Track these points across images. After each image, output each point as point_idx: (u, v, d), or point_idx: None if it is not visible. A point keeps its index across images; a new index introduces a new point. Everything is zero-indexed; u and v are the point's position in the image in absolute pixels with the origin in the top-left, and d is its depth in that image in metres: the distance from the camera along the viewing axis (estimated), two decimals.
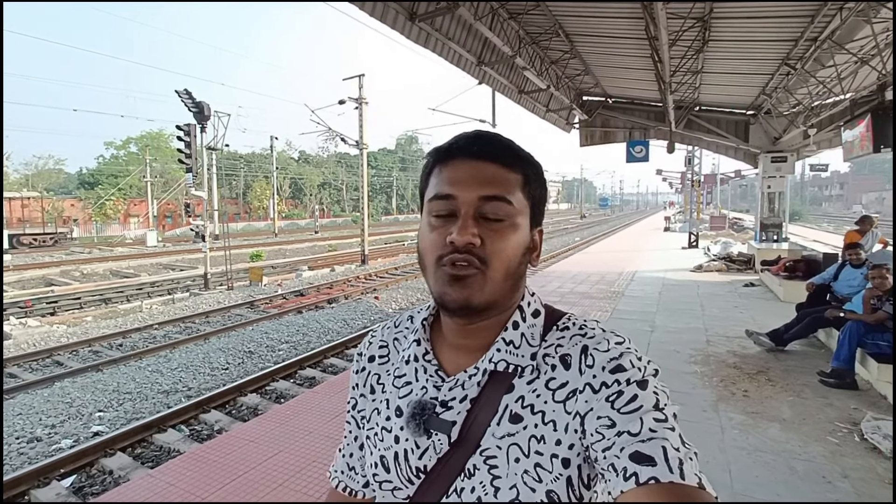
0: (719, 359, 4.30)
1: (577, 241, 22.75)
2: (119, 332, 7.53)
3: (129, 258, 18.91)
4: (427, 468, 0.52)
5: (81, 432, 4.28)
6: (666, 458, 0.40)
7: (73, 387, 5.30)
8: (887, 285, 3.42)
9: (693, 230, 14.66)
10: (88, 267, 16.75)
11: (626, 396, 0.45)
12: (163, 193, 33.55)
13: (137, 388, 5.20)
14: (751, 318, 5.66)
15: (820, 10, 4.60)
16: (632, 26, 5.84)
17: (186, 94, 12.17)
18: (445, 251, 0.49)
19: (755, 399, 3.42)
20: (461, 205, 0.49)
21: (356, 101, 15.36)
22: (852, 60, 5.25)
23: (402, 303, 9.82)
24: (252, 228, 37.14)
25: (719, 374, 3.93)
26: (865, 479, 2.46)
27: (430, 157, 0.54)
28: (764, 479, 2.46)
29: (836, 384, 3.53)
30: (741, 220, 25.97)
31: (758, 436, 2.90)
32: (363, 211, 16.32)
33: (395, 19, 5.31)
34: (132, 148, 38.16)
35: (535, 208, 0.54)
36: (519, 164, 0.52)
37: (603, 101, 10.81)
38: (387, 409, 0.57)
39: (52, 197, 33.43)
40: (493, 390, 0.51)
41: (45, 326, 8.72)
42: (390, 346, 0.62)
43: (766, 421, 3.08)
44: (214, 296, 10.85)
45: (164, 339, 7.30)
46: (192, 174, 11.89)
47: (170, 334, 7.65)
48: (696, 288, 7.86)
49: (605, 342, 0.50)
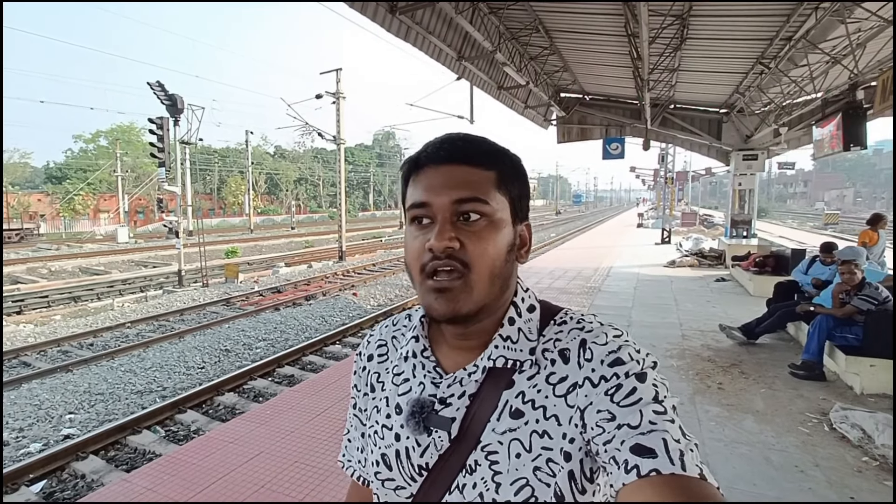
0: (694, 352, 4.34)
1: (552, 237, 23.04)
2: (90, 332, 7.20)
3: (99, 255, 18.07)
4: (429, 466, 0.51)
5: (51, 435, 4.08)
6: (667, 449, 0.40)
7: (41, 388, 5.03)
8: (855, 280, 3.50)
9: (666, 226, 14.99)
10: (56, 264, 15.99)
11: (625, 389, 0.45)
12: (134, 188, 32.16)
13: (110, 389, 4.99)
14: (723, 313, 5.77)
15: (796, 9, 4.66)
16: (611, 23, 5.82)
17: (159, 87, 11.60)
18: (426, 259, 0.48)
19: (730, 391, 3.45)
20: (436, 211, 0.49)
21: (333, 95, 15.03)
22: (825, 60, 5.37)
23: (381, 299, 9.67)
24: (227, 224, 36.15)
25: (695, 367, 3.96)
26: (836, 467, 2.50)
27: (403, 168, 0.54)
28: (742, 471, 2.47)
29: (806, 376, 3.60)
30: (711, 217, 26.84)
31: (734, 427, 2.93)
32: (340, 207, 16.02)
33: (376, 12, 5.16)
34: (102, 141, 36.39)
35: (515, 203, 0.53)
36: (491, 161, 0.51)
37: (580, 98, 10.84)
38: (386, 407, 0.56)
39: (18, 192, 31.71)
40: (492, 386, 0.51)
41: (12, 326, 8.24)
42: (389, 344, 0.62)
43: (740, 413, 3.11)
44: (189, 293, 10.49)
45: (137, 338, 7.03)
46: (165, 169, 11.39)
47: (143, 333, 7.37)
48: (669, 283, 8.00)
49: (604, 335, 0.50)
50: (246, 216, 33.42)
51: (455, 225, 0.48)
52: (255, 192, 39.85)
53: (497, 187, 0.50)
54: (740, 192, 9.89)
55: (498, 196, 0.50)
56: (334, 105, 15.12)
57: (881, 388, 3.30)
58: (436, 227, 0.48)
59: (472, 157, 0.50)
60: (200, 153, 37.48)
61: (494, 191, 0.50)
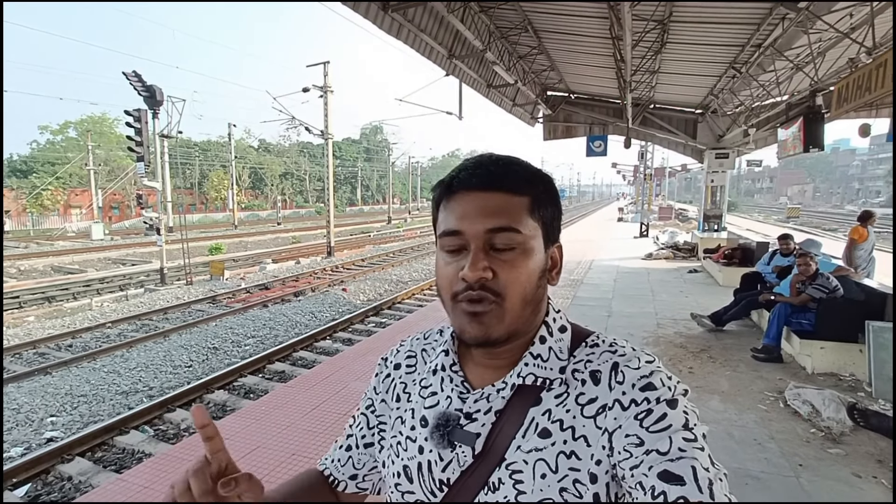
0: (668, 340, 4.66)
1: None
2: (67, 333, 6.99)
3: (72, 253, 17.41)
4: (450, 481, 0.51)
5: (33, 439, 4.01)
6: (695, 477, 0.40)
7: (18, 392, 4.90)
8: (811, 271, 3.84)
9: (644, 221, 15.51)
10: (26, 263, 15.32)
11: (655, 415, 0.44)
12: (108, 183, 30.72)
13: (93, 391, 4.89)
14: (695, 302, 6.13)
15: (765, 18, 4.96)
16: (597, 25, 6.02)
17: (135, 77, 11.18)
18: (460, 287, 0.48)
19: (699, 375, 3.76)
20: (469, 239, 0.48)
21: (321, 89, 14.82)
22: (789, 66, 5.72)
23: (371, 294, 9.74)
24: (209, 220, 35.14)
25: (668, 353, 4.27)
26: (788, 439, 2.81)
27: (435, 191, 0.53)
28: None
29: (766, 359, 3.94)
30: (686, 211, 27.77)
31: (701, 407, 3.21)
32: (328, 202, 15.87)
33: (368, 8, 5.17)
34: (71, 133, 34.58)
35: (548, 226, 0.52)
36: (524, 187, 0.50)
37: (566, 97, 11.08)
38: (412, 419, 0.56)
39: None
40: (519, 403, 0.50)
41: None
42: (418, 356, 0.62)
43: (707, 394, 3.40)
44: (172, 291, 10.26)
45: (119, 339, 6.85)
46: (144, 163, 10.98)
47: (125, 333, 7.19)
48: (646, 275, 8.37)
49: (636, 360, 0.49)
50: (229, 211, 32.55)
51: (488, 254, 0.48)
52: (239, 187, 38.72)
53: (530, 213, 0.50)
54: (712, 189, 10.37)
55: (531, 222, 0.50)
56: (321, 99, 14.93)
57: (829, 367, 3.66)
58: (468, 254, 0.48)
59: (506, 184, 0.49)
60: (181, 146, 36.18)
61: (527, 217, 0.50)
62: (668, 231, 13.88)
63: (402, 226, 29.57)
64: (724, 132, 9.64)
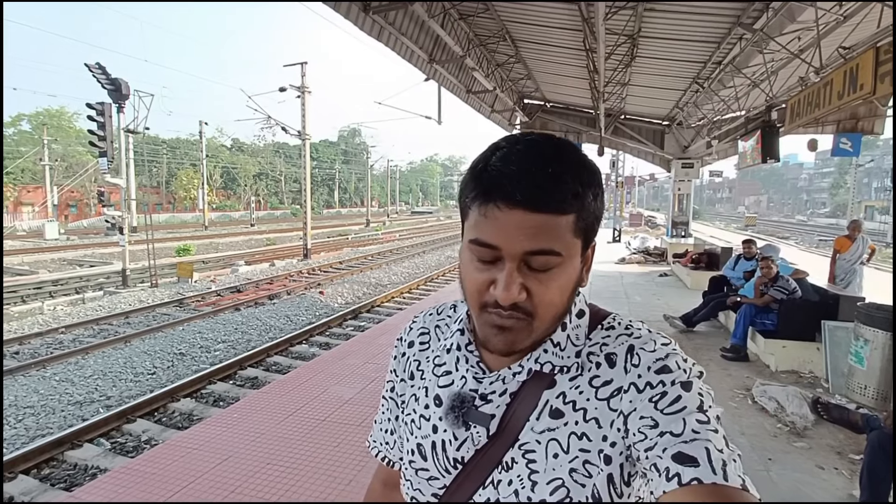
0: None
1: None
2: (14, 338, 6.45)
3: (22, 253, 16.24)
4: (464, 460, 0.51)
5: None
6: (709, 459, 0.39)
7: None
8: (772, 274, 4.04)
9: (617, 227, 16.01)
10: None
11: (670, 397, 0.44)
12: (65, 179, 28.82)
13: (42, 401, 4.51)
14: (666, 304, 6.35)
15: (725, 37, 5.24)
16: (572, 37, 6.19)
17: (99, 69, 10.58)
18: (489, 299, 0.46)
19: None
20: (505, 255, 0.44)
21: (298, 89, 14.53)
22: (747, 83, 6.07)
23: (349, 297, 9.55)
24: (177, 220, 33.65)
25: None
26: (757, 434, 2.92)
27: (468, 184, 0.47)
28: None
29: (734, 358, 4.11)
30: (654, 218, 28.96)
31: None
32: (305, 203, 15.52)
33: (349, 9, 5.12)
34: (24, 126, 32.33)
35: (588, 234, 0.48)
36: (572, 203, 0.44)
37: (542, 106, 11.32)
38: (425, 397, 0.56)
39: None
40: (534, 386, 0.50)
41: None
42: (431, 332, 0.61)
43: None
44: (135, 294, 9.68)
45: (73, 345, 6.34)
46: (108, 159, 10.35)
47: (81, 338, 6.69)
48: (620, 278, 8.62)
49: (652, 342, 0.49)
50: (199, 212, 31.19)
51: (522, 272, 0.44)
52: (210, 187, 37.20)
53: (573, 231, 0.45)
54: (679, 197, 10.82)
55: (572, 240, 0.45)
56: (299, 99, 14.62)
57: (791, 364, 3.86)
58: (503, 268, 0.44)
59: (552, 204, 0.43)
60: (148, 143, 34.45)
61: (570, 236, 0.45)
62: (639, 237, 14.38)
63: (380, 229, 29.33)
64: (689, 143, 10.10)
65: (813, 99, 4.05)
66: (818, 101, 3.94)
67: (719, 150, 9.24)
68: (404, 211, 60.64)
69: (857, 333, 3.07)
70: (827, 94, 3.73)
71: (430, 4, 5.25)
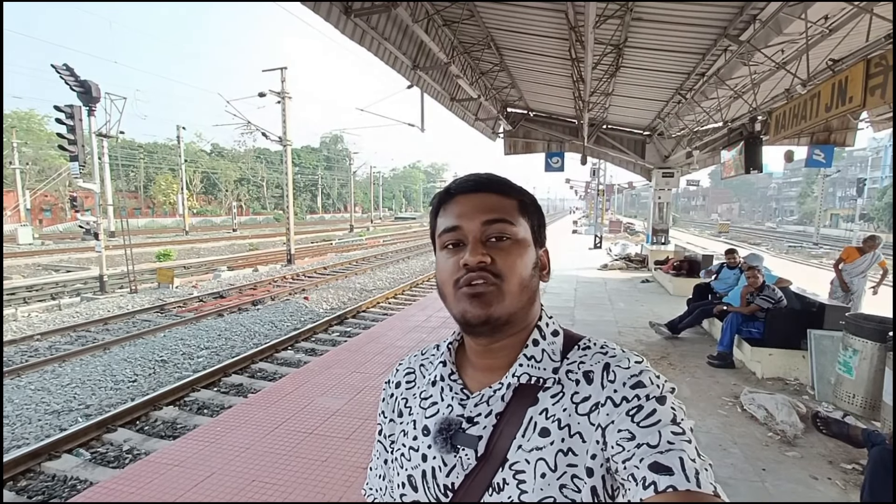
0: (630, 347, 4.67)
1: None
2: None
3: None
4: (454, 486, 0.51)
5: None
6: (683, 468, 0.41)
7: None
8: (758, 283, 4.06)
9: (598, 233, 16.20)
10: None
11: (645, 410, 0.46)
12: (38, 183, 27.51)
13: (17, 411, 4.28)
14: (650, 311, 6.36)
15: (710, 48, 5.32)
16: (558, 46, 6.19)
17: (67, 71, 10.07)
18: (460, 274, 0.51)
19: None
20: (468, 232, 0.52)
21: (278, 94, 14.23)
22: (730, 94, 6.17)
23: (334, 302, 9.31)
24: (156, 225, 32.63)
25: None
26: (749, 443, 2.87)
27: (434, 201, 0.57)
28: None
29: (720, 365, 4.10)
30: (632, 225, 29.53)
31: None
32: (288, 209, 15.15)
33: (329, 11, 4.96)
34: None
35: (535, 231, 0.57)
36: (513, 192, 0.56)
37: (525, 114, 11.36)
38: (413, 430, 0.57)
39: None
40: (517, 404, 0.52)
41: None
42: (417, 371, 0.63)
43: None
44: (114, 300, 9.24)
45: (49, 352, 6.08)
46: (79, 163, 9.83)
47: (57, 346, 6.39)
48: (604, 284, 8.64)
49: (626, 360, 0.51)
50: (179, 216, 30.24)
51: (485, 245, 0.52)
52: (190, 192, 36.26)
53: (520, 213, 0.55)
54: (659, 205, 10.99)
55: (521, 220, 0.54)
56: (279, 105, 14.31)
57: (777, 372, 3.86)
58: (468, 247, 0.52)
59: (498, 188, 0.55)
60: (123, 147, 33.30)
61: (518, 215, 0.54)
62: (619, 243, 14.55)
63: (364, 234, 29.02)
64: (670, 153, 10.29)
65: (799, 111, 4.06)
66: (804, 114, 3.95)
67: (699, 159, 9.42)
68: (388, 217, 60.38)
69: (846, 343, 3.07)
70: (814, 107, 3.73)
71: (415, 8, 5.12)
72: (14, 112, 30.46)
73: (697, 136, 8.31)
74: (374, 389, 3.78)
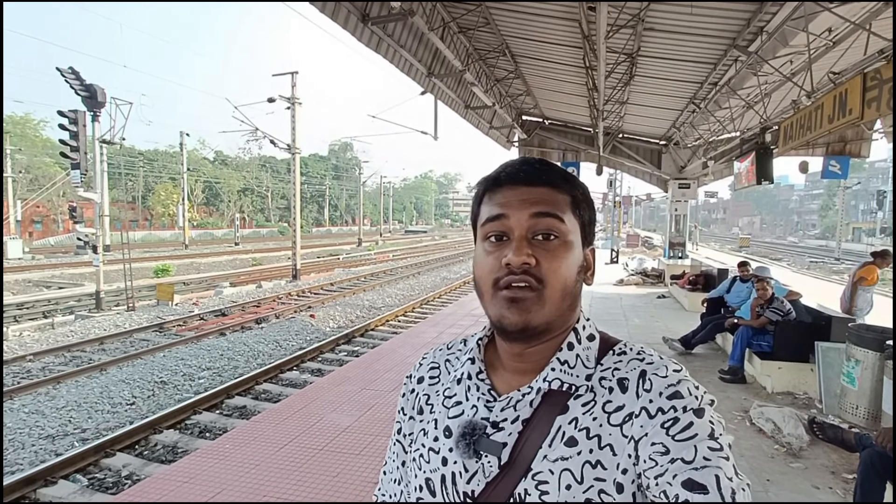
0: None
1: None
2: None
3: None
4: (475, 493, 0.51)
5: None
6: (719, 486, 0.41)
7: None
8: (767, 295, 4.25)
9: (614, 247, 16.33)
10: None
11: (681, 423, 0.45)
12: (30, 193, 27.17)
13: (9, 435, 4.34)
14: (664, 326, 6.51)
15: (721, 58, 5.60)
16: (572, 54, 6.48)
17: (72, 74, 10.45)
18: (501, 273, 0.50)
19: None
20: (513, 225, 0.51)
21: (288, 100, 14.55)
22: (741, 105, 6.44)
23: (341, 321, 9.47)
24: (154, 238, 33.12)
25: None
26: (755, 455, 3.04)
27: (479, 187, 0.56)
28: None
29: (732, 379, 4.26)
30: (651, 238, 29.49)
31: None
32: (295, 221, 15.29)
33: (347, 19, 5.23)
34: None
35: (585, 228, 0.55)
36: (566, 185, 0.54)
37: (540, 123, 11.68)
38: (434, 430, 0.56)
39: None
40: (546, 411, 0.51)
41: None
42: (441, 367, 0.63)
43: None
44: (111, 318, 9.34)
45: (43, 374, 6.11)
46: (81, 171, 9.92)
47: (51, 367, 6.41)
48: (619, 300, 8.80)
49: (664, 368, 0.50)
50: (179, 229, 30.58)
51: (531, 242, 0.50)
52: (191, 202, 36.71)
53: (572, 209, 0.53)
54: (676, 217, 11.17)
55: (571, 217, 0.53)
56: (288, 110, 14.62)
57: (786, 386, 4.01)
58: (512, 243, 0.50)
59: (550, 179, 0.53)
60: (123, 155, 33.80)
61: (569, 212, 0.53)
62: (636, 258, 14.67)
63: (373, 248, 29.07)
64: (686, 163, 10.52)
65: (805, 122, 4.28)
66: (810, 125, 4.17)
67: (715, 170, 9.64)
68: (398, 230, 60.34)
69: (849, 354, 3.25)
70: (818, 118, 3.96)
71: (431, 15, 5.38)
72: (9, 116, 29.98)
73: (712, 147, 8.56)
74: (384, 406, 3.92)
